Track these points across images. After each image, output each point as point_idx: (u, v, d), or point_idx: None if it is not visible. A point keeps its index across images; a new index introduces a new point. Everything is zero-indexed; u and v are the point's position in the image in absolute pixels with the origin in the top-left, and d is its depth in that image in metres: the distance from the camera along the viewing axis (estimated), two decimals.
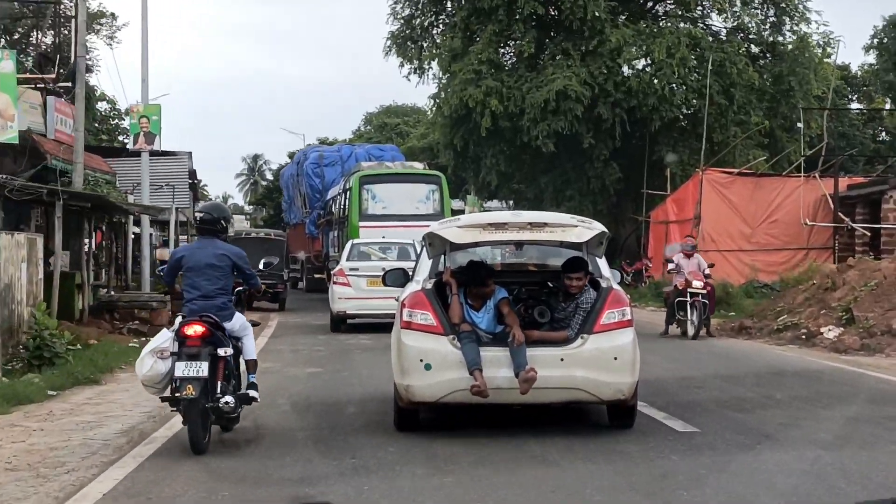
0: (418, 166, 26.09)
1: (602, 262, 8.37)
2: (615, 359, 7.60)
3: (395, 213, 22.72)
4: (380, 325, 16.83)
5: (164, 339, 7.28)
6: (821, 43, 32.02)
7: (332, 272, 19.77)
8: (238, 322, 7.62)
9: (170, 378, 7.12)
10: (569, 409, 8.38)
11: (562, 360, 7.57)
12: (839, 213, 25.36)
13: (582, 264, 8.04)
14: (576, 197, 31.24)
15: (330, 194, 29.48)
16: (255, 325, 8.42)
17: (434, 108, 34.13)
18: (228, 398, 7.16)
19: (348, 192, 24.29)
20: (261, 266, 9.15)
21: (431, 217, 21.39)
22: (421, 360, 7.55)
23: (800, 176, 26.61)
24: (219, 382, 7.18)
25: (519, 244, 8.90)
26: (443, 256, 8.43)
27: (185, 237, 32.36)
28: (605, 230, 7.99)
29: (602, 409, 8.20)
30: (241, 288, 7.90)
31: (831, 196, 25.51)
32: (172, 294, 8.80)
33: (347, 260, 18.74)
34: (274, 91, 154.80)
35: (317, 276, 29.47)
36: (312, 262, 31.70)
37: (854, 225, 25.07)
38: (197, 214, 7.88)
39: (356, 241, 20.07)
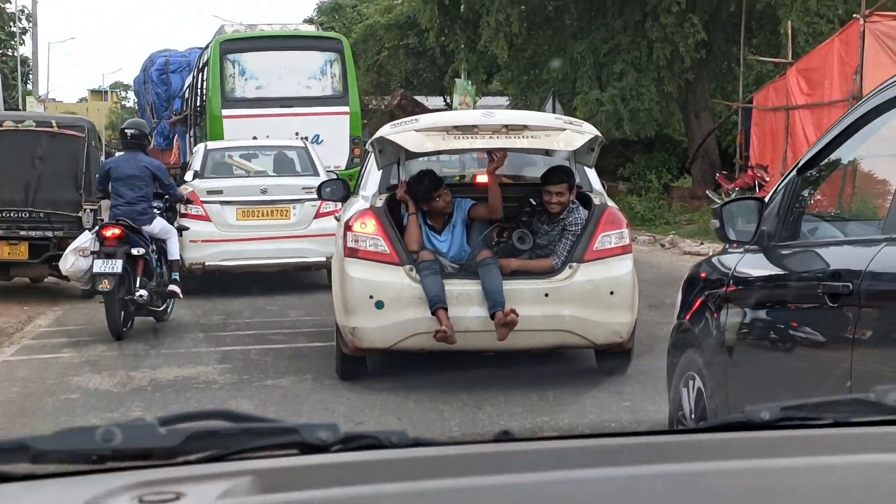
0: (307, 28, 30.01)
1: (592, 174, 11.82)
2: (611, 293, 10.98)
3: (276, 96, 26.02)
4: (262, 280, 19.05)
5: (84, 239, 14.60)
6: None
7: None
8: (158, 226, 15.07)
9: (90, 273, 14.19)
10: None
11: (546, 295, 10.92)
12: None
13: (566, 174, 11.32)
14: (630, 73, 33.28)
15: (186, 83, 35.43)
16: (184, 228, 16.13)
17: None
18: (142, 291, 14.40)
19: (206, 70, 27.65)
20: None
21: (330, 100, 26.22)
22: (371, 297, 10.86)
23: None
24: (137, 278, 14.46)
25: (492, 152, 12.03)
26: (396, 167, 11.72)
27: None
28: (599, 134, 11.27)
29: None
30: (167, 196, 15.39)
31: None
32: (106, 199, 15.70)
33: (202, 176, 19.32)
34: None
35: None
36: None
37: None
38: (126, 131, 15.49)
39: (211, 145, 21.42)
